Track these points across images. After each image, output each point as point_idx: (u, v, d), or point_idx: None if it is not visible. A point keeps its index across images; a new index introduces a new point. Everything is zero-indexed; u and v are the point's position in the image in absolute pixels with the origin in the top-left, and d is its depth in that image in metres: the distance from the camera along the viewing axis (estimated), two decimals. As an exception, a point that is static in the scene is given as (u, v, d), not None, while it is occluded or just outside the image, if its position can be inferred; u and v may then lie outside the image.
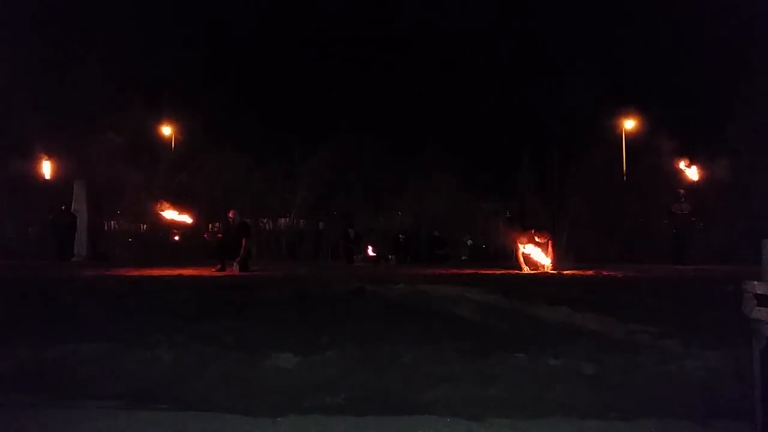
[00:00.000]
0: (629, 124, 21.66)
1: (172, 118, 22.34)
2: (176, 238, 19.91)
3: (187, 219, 14.97)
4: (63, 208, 15.80)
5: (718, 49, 21.02)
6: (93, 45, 18.81)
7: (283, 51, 35.25)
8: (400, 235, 18.41)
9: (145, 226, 20.15)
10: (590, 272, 10.57)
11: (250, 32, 36.93)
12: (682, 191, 14.80)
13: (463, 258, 18.33)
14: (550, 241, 11.35)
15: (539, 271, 10.92)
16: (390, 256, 17.10)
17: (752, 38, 17.29)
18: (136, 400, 3.63)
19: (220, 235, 12.36)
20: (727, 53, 20.19)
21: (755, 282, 2.79)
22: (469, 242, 19.32)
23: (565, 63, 25.68)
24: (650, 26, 28.90)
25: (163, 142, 22.32)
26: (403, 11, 38.27)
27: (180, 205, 14.74)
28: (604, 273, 10.28)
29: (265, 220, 20.77)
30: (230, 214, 11.78)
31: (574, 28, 36.25)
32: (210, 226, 19.76)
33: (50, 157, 18.10)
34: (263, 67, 33.42)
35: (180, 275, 9.53)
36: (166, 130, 22.69)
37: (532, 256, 11.26)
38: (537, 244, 11.20)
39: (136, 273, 9.83)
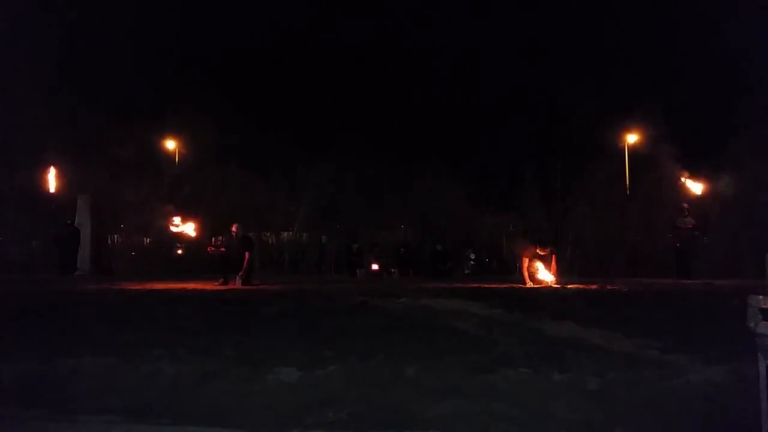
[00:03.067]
0: (632, 137, 21.67)
1: (175, 133, 22.45)
2: (179, 251, 19.93)
3: (190, 232, 15.00)
4: (67, 221, 15.83)
5: (721, 63, 21.10)
6: (97, 60, 19.00)
7: (285, 64, 35.51)
8: (403, 249, 18.38)
9: (148, 239, 20.18)
10: (594, 286, 10.54)
11: (253, 46, 37.22)
12: (685, 205, 14.79)
13: (466, 272, 18.29)
14: (553, 255, 11.34)
15: (543, 285, 10.88)
16: (393, 270, 17.07)
17: (756, 53, 17.35)
18: (137, 414, 3.61)
19: (223, 249, 12.38)
20: (730, 67, 20.27)
21: (760, 296, 2.77)
22: (472, 256, 19.29)
23: (569, 77, 25.82)
24: (654, 40, 29.06)
25: (167, 157, 22.42)
26: (407, 26, 38.57)
27: (184, 219, 14.78)
28: (609, 287, 10.25)
29: (268, 234, 20.78)
30: (233, 228, 11.82)
31: (577, 41, 36.46)
32: (213, 239, 19.76)
33: (54, 170, 18.16)
34: (266, 81, 33.65)
35: (183, 289, 9.54)
36: (170, 145, 22.79)
37: (535, 269, 11.23)
38: (541, 257, 11.18)
39: (138, 287, 9.84)
